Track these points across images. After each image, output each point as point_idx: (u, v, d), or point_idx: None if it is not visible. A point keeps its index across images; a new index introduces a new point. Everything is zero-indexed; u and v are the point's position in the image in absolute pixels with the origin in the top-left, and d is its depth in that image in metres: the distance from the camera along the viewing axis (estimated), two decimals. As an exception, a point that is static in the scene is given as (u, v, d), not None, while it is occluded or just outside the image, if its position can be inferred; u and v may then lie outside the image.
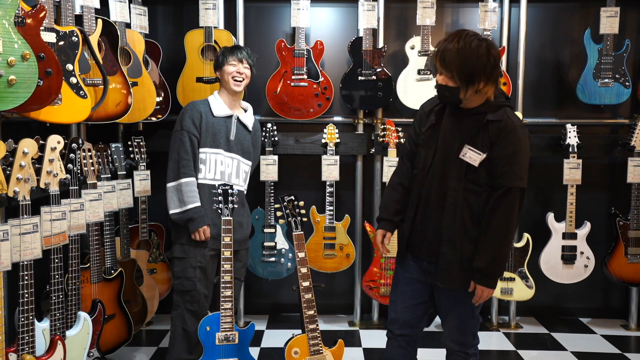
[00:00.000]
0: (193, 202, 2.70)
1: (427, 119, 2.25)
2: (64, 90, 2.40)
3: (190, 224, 2.70)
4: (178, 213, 2.72)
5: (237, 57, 2.83)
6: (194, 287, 2.74)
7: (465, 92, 2.05)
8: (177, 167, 2.73)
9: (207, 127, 2.77)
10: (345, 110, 3.89)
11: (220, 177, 2.79)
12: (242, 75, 2.83)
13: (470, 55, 1.99)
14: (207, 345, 2.55)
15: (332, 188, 3.65)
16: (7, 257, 2.04)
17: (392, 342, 2.41)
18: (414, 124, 2.34)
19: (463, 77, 2.02)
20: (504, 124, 2.07)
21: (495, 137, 2.07)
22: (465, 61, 2.00)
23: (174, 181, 2.73)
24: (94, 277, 2.86)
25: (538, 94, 3.93)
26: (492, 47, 2.04)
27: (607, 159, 3.93)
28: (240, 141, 2.86)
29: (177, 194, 2.72)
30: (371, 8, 3.58)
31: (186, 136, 2.74)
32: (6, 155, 2.04)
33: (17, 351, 2.13)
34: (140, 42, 3.24)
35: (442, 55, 2.04)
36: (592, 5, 3.81)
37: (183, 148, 2.73)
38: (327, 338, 2.68)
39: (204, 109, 2.80)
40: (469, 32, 2.05)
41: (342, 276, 3.91)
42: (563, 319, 4.00)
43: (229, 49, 2.87)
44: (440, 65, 2.06)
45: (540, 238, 3.69)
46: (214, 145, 2.78)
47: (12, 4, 1.96)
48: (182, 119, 2.79)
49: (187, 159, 2.72)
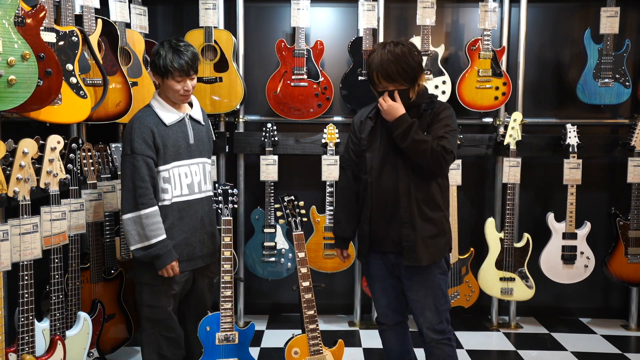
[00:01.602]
0: (158, 236, 2.37)
1: (365, 125, 2.44)
2: (64, 90, 2.40)
3: (157, 261, 2.38)
4: (140, 249, 2.38)
5: (182, 70, 2.39)
6: (170, 316, 2.52)
7: (414, 90, 2.32)
8: (132, 197, 2.36)
9: (163, 141, 2.42)
10: (345, 110, 3.89)
11: (188, 190, 2.50)
12: (189, 92, 2.47)
13: (406, 60, 2.25)
14: (207, 345, 2.55)
15: (332, 188, 3.65)
16: (7, 257, 2.04)
17: (388, 333, 2.55)
18: (350, 135, 2.51)
19: (409, 80, 2.28)
20: (437, 107, 2.35)
21: (432, 118, 2.32)
22: (406, 66, 2.25)
23: (131, 212, 2.37)
24: (94, 277, 2.86)
25: (538, 94, 3.93)
26: (412, 45, 2.31)
27: (607, 159, 3.92)
28: (200, 141, 2.57)
29: (137, 227, 2.37)
30: (371, 8, 3.58)
31: (140, 160, 2.36)
32: (6, 155, 2.04)
33: (17, 351, 2.13)
34: (140, 42, 3.24)
35: (384, 72, 2.26)
36: (592, 5, 3.80)
37: (137, 174, 2.35)
38: (327, 338, 2.68)
39: (153, 122, 2.42)
40: (386, 43, 2.30)
41: (342, 276, 3.91)
42: (563, 319, 4.00)
43: (173, 54, 2.39)
44: (386, 81, 2.28)
45: (540, 238, 3.69)
46: (176, 157, 2.46)
47: (12, 4, 1.96)
48: (131, 140, 2.38)
49: (144, 186, 2.36)
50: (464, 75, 3.61)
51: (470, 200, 3.99)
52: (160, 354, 2.55)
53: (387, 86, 2.29)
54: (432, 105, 2.35)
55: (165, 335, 2.54)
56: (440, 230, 2.35)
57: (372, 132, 2.39)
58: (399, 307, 2.50)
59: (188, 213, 2.51)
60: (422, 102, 2.35)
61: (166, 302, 2.51)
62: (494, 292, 3.66)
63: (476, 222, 3.95)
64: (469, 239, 3.91)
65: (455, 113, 2.40)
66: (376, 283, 2.50)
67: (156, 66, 2.42)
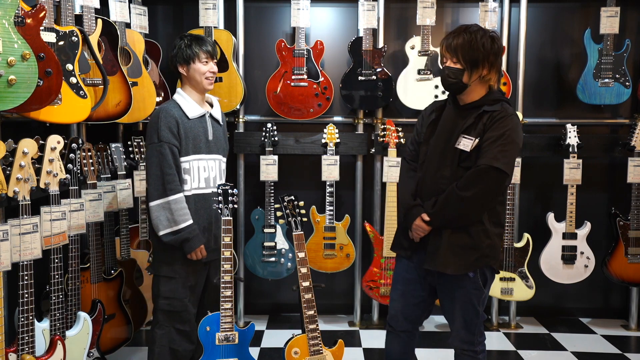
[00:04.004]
0: (186, 221, 2.47)
1: (429, 118, 2.33)
2: (64, 90, 2.40)
3: (186, 245, 2.47)
4: (169, 234, 2.46)
5: (208, 52, 2.55)
6: (185, 308, 2.57)
7: (470, 76, 2.14)
8: (161, 183, 2.45)
9: (186, 133, 2.52)
10: (345, 110, 3.89)
11: (205, 184, 2.59)
12: (214, 75, 2.59)
13: (475, 40, 2.12)
14: (207, 345, 2.55)
15: (332, 188, 3.65)
16: (7, 257, 2.04)
17: (393, 336, 2.45)
18: (416, 126, 2.40)
19: (467, 59, 2.12)
20: (498, 112, 2.14)
21: (489, 124, 2.13)
22: (470, 44, 2.12)
23: (160, 199, 2.46)
24: (94, 277, 2.86)
25: (538, 94, 3.93)
26: (497, 37, 2.18)
27: (607, 159, 3.92)
28: (218, 139, 2.67)
29: (166, 213, 2.45)
30: (371, 8, 3.58)
31: (166, 148, 2.45)
32: (6, 155, 2.04)
33: (17, 351, 2.13)
34: (140, 42, 3.24)
35: (449, 42, 2.16)
36: (592, 5, 3.80)
37: (165, 162, 2.45)
38: (327, 338, 2.68)
39: (178, 114, 2.52)
40: (475, 26, 2.18)
41: (342, 276, 3.91)
42: (563, 319, 4.00)
43: (196, 41, 2.56)
44: (445, 50, 2.17)
45: (540, 238, 3.69)
46: (195, 151, 2.55)
47: (12, 4, 1.96)
48: (157, 128, 2.48)
49: (172, 173, 2.45)
50: (464, 75, 3.60)
51: (470, 200, 3.98)
52: (172, 348, 2.58)
53: (445, 59, 2.18)
54: (494, 108, 2.15)
55: (178, 329, 2.58)
56: (476, 243, 2.17)
57: (432, 125, 2.27)
58: (413, 316, 2.38)
59: (203, 206, 2.59)
60: (484, 104, 2.17)
61: (183, 293, 2.56)
62: (494, 292, 3.66)
63: (476, 222, 3.95)
64: (469, 239, 3.90)
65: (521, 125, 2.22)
66: (398, 284, 2.39)
67: (182, 54, 2.55)
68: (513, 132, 2.11)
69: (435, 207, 2.18)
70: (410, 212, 2.26)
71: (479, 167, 2.10)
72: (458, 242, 2.18)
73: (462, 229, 2.18)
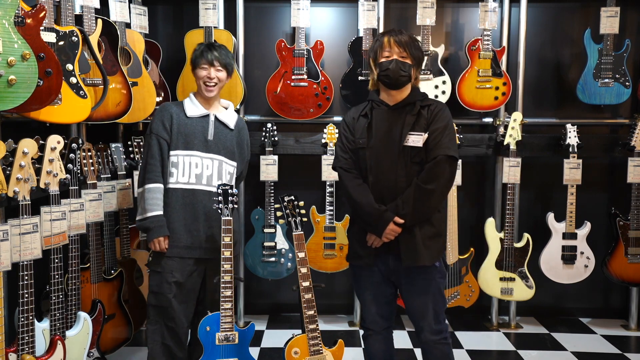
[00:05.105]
0: (153, 210, 2.56)
1: (358, 123, 2.38)
2: (64, 90, 2.40)
3: (147, 234, 2.57)
4: (139, 220, 2.60)
5: (207, 59, 2.63)
6: (170, 304, 2.59)
7: (414, 73, 2.31)
8: (143, 172, 2.61)
9: (178, 129, 2.62)
10: (345, 110, 3.89)
11: (195, 180, 2.63)
12: (213, 80, 2.64)
13: (417, 40, 2.32)
14: (207, 345, 2.55)
15: (332, 188, 3.65)
16: (7, 257, 2.04)
17: (374, 338, 2.51)
18: (344, 134, 2.42)
19: (415, 55, 2.28)
20: (435, 106, 2.33)
21: (432, 117, 2.29)
22: (414, 42, 2.29)
23: (140, 187, 2.62)
24: (94, 277, 2.86)
25: (538, 94, 3.93)
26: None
27: (607, 159, 3.92)
28: (221, 141, 2.69)
29: (141, 201, 2.60)
30: (371, 8, 3.58)
31: (154, 139, 2.61)
32: (6, 155, 2.04)
33: (17, 351, 2.13)
34: (140, 42, 3.24)
35: (398, 38, 2.27)
36: (592, 5, 3.81)
37: (150, 152, 2.60)
38: (327, 338, 2.68)
39: (175, 110, 2.65)
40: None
41: (342, 276, 3.91)
42: (563, 319, 4.00)
43: (200, 50, 2.67)
44: (396, 44, 2.27)
45: (540, 238, 3.69)
46: (187, 147, 2.62)
47: (12, 4, 1.96)
48: (153, 121, 2.66)
49: (153, 163, 2.59)
50: (464, 75, 3.61)
51: (470, 200, 3.99)
52: (164, 344, 2.63)
53: (393, 54, 2.27)
54: (427, 103, 2.33)
55: (167, 325, 2.62)
56: (439, 230, 2.34)
57: (368, 130, 2.34)
58: (387, 313, 2.48)
59: (191, 201, 2.62)
60: (416, 100, 2.33)
61: (168, 289, 2.59)
62: (494, 292, 3.66)
63: (476, 222, 3.95)
64: (469, 239, 3.91)
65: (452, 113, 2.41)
66: (367, 290, 2.44)
67: (192, 60, 2.70)
68: (451, 121, 2.32)
69: (405, 207, 2.23)
70: (381, 219, 2.26)
71: (437, 159, 2.23)
72: (427, 234, 2.28)
73: (427, 221, 2.29)
